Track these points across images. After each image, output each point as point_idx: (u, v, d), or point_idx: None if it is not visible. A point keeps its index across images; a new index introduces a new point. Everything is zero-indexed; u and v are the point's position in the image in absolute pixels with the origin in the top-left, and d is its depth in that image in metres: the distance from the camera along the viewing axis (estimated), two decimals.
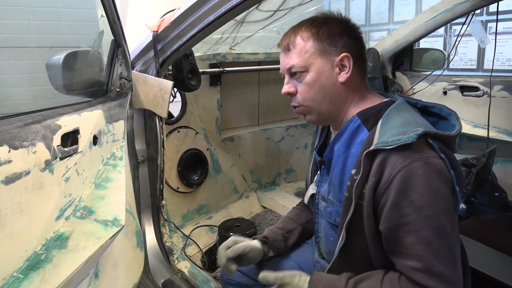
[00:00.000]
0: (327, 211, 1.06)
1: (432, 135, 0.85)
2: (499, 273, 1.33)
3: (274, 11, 2.45)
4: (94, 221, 0.97)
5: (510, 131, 2.09)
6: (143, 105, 1.56)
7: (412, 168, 0.81)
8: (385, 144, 0.83)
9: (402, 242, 0.83)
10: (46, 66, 1.29)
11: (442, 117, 0.98)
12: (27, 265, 0.79)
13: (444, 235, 0.81)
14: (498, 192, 1.93)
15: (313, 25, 1.00)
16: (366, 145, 0.89)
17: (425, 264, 0.80)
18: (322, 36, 0.98)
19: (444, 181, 0.82)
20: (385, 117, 0.92)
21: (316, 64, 0.98)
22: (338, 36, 0.98)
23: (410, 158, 0.81)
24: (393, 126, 0.87)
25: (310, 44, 0.98)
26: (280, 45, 1.04)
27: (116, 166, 1.19)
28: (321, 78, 0.98)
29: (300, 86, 1.01)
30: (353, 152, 0.96)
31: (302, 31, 1.00)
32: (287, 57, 1.01)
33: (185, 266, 1.67)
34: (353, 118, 0.99)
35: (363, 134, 0.96)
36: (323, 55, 0.98)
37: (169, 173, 1.98)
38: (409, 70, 2.53)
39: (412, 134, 0.82)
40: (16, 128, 0.80)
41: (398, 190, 0.81)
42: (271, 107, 2.70)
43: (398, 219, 0.82)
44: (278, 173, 2.76)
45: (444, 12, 2.04)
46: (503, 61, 2.85)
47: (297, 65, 0.99)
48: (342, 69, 0.99)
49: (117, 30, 1.37)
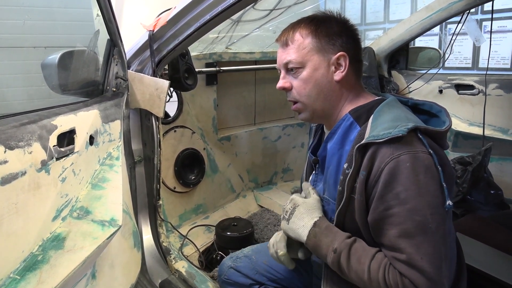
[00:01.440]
0: (323, 210, 1.06)
1: (422, 130, 0.86)
2: (495, 270, 1.34)
3: (270, 10, 2.45)
4: (91, 221, 0.96)
5: (506, 129, 2.11)
6: (140, 104, 1.56)
7: (400, 160, 0.82)
8: (376, 138, 0.84)
9: (386, 234, 0.84)
10: (42, 66, 1.28)
11: (433, 114, 0.99)
12: (24, 266, 0.79)
13: (427, 231, 0.81)
14: (494, 189, 1.95)
15: (313, 22, 1.01)
16: (358, 139, 0.90)
17: (407, 256, 0.81)
18: (320, 34, 0.99)
19: (432, 176, 0.82)
20: (376, 113, 0.93)
21: (313, 61, 0.99)
22: (336, 35, 0.99)
23: (399, 151, 0.82)
24: (384, 121, 0.88)
25: (308, 41, 0.99)
26: (278, 40, 1.05)
27: (113, 166, 1.19)
28: (317, 75, 0.99)
29: (295, 81, 1.01)
30: (347, 150, 0.97)
31: (301, 28, 1.01)
32: (284, 52, 1.02)
33: (183, 266, 1.67)
34: (346, 116, 1.00)
35: (355, 131, 0.97)
36: (320, 52, 0.99)
37: (165, 172, 1.97)
38: (405, 68, 2.54)
39: (403, 128, 0.83)
40: (11, 128, 0.80)
41: (385, 182, 0.82)
42: (267, 106, 2.70)
43: (383, 211, 0.84)
44: (275, 172, 2.76)
45: (439, 11, 2.05)
46: (498, 59, 2.87)
47: (294, 61, 0.99)
48: (338, 67, 0.99)
49: (113, 29, 1.36)
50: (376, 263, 0.85)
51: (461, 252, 1.04)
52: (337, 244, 0.90)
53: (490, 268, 1.35)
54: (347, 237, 0.91)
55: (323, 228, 0.94)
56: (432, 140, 0.88)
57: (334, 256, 0.90)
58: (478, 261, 1.36)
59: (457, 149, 2.28)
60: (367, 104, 1.00)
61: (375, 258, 0.86)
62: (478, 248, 1.48)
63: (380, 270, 0.84)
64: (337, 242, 0.90)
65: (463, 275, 1.03)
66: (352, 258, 0.88)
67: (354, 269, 0.87)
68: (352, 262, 0.88)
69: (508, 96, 2.08)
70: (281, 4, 2.44)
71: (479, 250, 1.47)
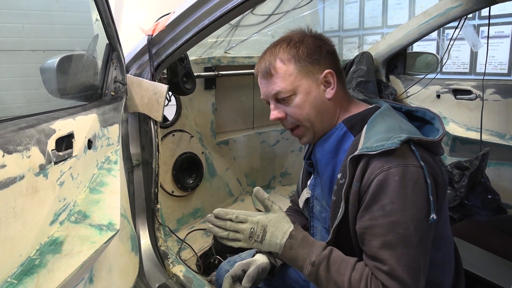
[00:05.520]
0: (322, 216, 1.07)
1: (416, 141, 0.86)
2: (492, 275, 1.34)
3: (269, 15, 2.46)
4: (89, 226, 0.96)
5: (503, 134, 2.12)
6: (138, 108, 1.56)
7: (389, 173, 0.82)
8: (369, 150, 0.85)
9: (369, 244, 0.85)
10: (40, 69, 1.28)
11: (427, 120, 0.99)
12: (21, 270, 0.78)
13: (409, 244, 0.82)
14: (491, 194, 1.95)
15: (290, 45, 0.98)
16: (351, 150, 0.91)
17: (389, 268, 0.82)
18: (302, 57, 0.97)
19: (419, 190, 0.82)
20: (369, 123, 0.93)
21: (303, 86, 0.97)
22: (317, 54, 0.98)
23: (389, 164, 0.83)
24: (377, 132, 0.88)
25: (292, 67, 0.97)
26: (258, 71, 1.02)
27: (111, 170, 1.19)
28: (310, 98, 0.98)
29: (289, 109, 1.00)
30: (341, 159, 0.97)
31: (281, 53, 0.98)
32: (269, 83, 1.00)
33: (180, 270, 1.66)
34: (339, 125, 1.00)
35: (349, 141, 0.97)
36: (307, 75, 0.97)
37: (164, 176, 1.97)
38: (402, 73, 2.55)
39: (396, 140, 0.83)
40: (10, 133, 0.80)
41: (373, 193, 0.83)
42: (265, 111, 2.69)
43: (367, 220, 0.85)
44: (273, 176, 2.76)
45: (437, 16, 2.06)
46: (495, 64, 2.88)
47: (284, 90, 0.97)
48: (327, 85, 0.99)
49: (112, 33, 1.37)
50: (358, 273, 0.86)
51: (458, 257, 1.05)
52: (314, 257, 0.90)
53: (487, 272, 1.35)
54: (323, 249, 0.91)
55: (299, 240, 0.94)
56: (426, 149, 0.88)
57: (312, 269, 0.90)
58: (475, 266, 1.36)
59: (454, 153, 2.29)
60: (360, 114, 1.00)
61: (355, 269, 0.87)
62: (476, 252, 1.48)
63: (362, 281, 0.85)
64: (315, 254, 0.91)
65: (461, 280, 1.04)
66: (331, 269, 0.88)
67: (333, 280, 0.88)
68: (332, 272, 0.88)
69: (505, 101, 2.09)
70: (279, 9, 2.45)
71: (476, 254, 1.47)
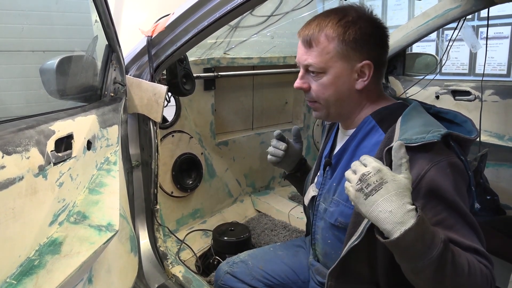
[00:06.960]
0: (329, 212, 1.03)
1: (454, 137, 0.86)
2: None
3: (268, 16, 2.46)
4: (88, 226, 0.97)
5: (502, 135, 2.12)
6: (137, 109, 1.56)
7: (440, 167, 0.81)
8: (409, 142, 0.81)
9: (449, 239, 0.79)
10: (40, 70, 1.28)
11: (454, 123, 0.97)
12: (20, 270, 0.79)
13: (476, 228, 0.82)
14: (490, 195, 1.95)
15: (341, 23, 0.93)
16: (386, 142, 0.88)
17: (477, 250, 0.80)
18: (347, 39, 0.92)
19: (465, 181, 0.85)
20: (404, 116, 0.90)
21: (335, 68, 0.94)
22: (364, 41, 0.93)
23: (437, 158, 0.82)
24: (414, 125, 0.86)
25: (333, 46, 0.93)
26: (300, 35, 0.98)
27: (110, 171, 1.19)
28: (338, 82, 0.95)
29: (314, 84, 0.98)
30: (364, 152, 0.94)
31: (328, 28, 0.94)
32: (306, 52, 0.96)
33: (179, 270, 1.67)
34: (367, 119, 0.97)
35: (378, 135, 0.95)
36: (344, 59, 0.94)
37: (163, 177, 1.97)
38: (401, 74, 2.55)
39: (436, 133, 0.82)
40: (9, 134, 0.80)
41: (429, 189, 0.81)
42: (265, 111, 2.70)
43: (432, 217, 0.80)
44: (273, 177, 2.76)
45: (436, 18, 2.06)
46: (494, 65, 2.88)
47: (316, 65, 0.95)
48: (361, 75, 0.95)
49: (111, 35, 1.37)
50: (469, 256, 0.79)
51: None
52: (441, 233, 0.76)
53: None
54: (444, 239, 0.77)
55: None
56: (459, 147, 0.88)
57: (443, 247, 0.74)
58: None
59: None
60: (390, 107, 0.98)
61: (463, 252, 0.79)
62: None
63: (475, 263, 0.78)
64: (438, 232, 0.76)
65: None
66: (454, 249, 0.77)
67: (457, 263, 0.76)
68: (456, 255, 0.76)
69: (504, 102, 2.10)
70: (279, 10, 2.45)
71: None
